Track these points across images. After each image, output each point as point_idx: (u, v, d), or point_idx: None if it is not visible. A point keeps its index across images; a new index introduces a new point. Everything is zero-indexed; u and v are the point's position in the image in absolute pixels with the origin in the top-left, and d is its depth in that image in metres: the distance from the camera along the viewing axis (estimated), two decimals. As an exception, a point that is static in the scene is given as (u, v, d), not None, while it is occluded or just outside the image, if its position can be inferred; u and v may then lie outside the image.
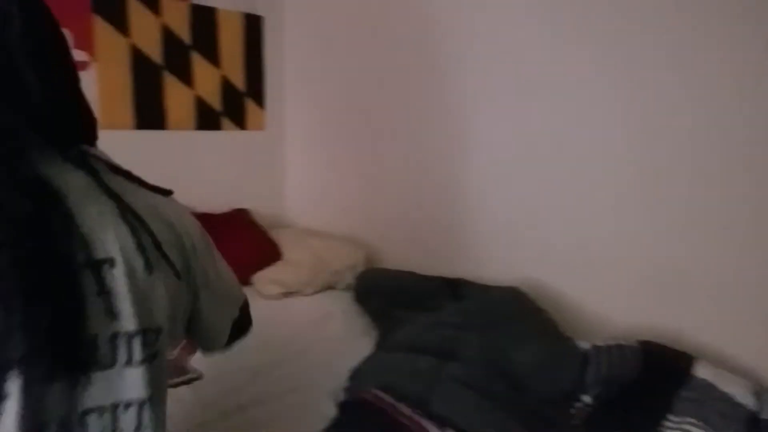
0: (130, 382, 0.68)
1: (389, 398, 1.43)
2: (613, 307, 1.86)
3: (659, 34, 1.67)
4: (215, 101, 2.54)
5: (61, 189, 0.64)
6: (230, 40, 2.54)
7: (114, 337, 0.66)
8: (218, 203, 2.44)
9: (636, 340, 1.63)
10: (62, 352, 0.61)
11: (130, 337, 0.68)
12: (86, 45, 2.11)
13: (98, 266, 0.66)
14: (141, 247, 0.69)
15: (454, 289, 2.06)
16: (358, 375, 1.62)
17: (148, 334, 0.69)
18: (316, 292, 2.26)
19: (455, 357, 1.63)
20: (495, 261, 2.15)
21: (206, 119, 2.50)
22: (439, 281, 2.11)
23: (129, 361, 0.68)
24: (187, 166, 2.40)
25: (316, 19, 2.67)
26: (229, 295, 0.91)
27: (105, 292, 0.66)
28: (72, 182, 0.67)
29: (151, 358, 0.70)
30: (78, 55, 2.09)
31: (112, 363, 0.66)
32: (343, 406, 1.44)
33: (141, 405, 0.69)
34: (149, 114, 2.34)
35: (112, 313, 0.66)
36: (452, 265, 2.22)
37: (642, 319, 1.79)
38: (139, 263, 0.69)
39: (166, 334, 0.73)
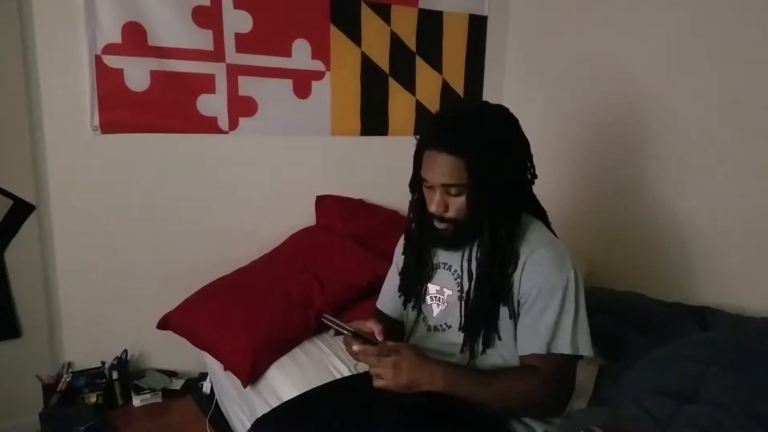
0: None
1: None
2: None
3: None
4: (434, 106, 2.54)
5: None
6: (453, 43, 2.53)
7: None
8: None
9: None
10: None
11: None
12: (323, 55, 2.25)
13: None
14: None
15: (699, 318, 1.79)
16: (577, 416, 1.44)
17: None
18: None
19: (696, 398, 1.37)
20: (745, 288, 1.83)
21: (424, 124, 2.51)
22: (680, 308, 1.84)
23: None
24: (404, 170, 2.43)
25: (540, 18, 2.53)
26: None
27: None
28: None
29: None
30: (315, 65, 2.24)
31: None
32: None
33: None
34: (374, 121, 2.42)
35: None
36: (688, 292, 1.95)
37: None
38: None
39: None
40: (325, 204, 2.31)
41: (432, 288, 1.35)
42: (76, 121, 1.90)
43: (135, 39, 1.91)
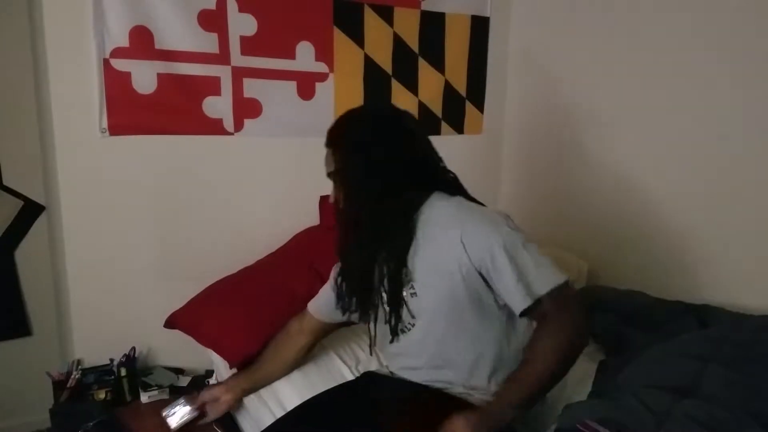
0: None
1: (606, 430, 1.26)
2: None
3: None
4: (437, 107, 2.57)
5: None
6: (456, 44, 2.55)
7: None
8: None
9: None
10: None
11: None
12: (326, 58, 2.28)
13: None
14: None
15: (700, 316, 1.81)
16: (576, 408, 1.47)
17: None
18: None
19: (694, 393, 1.39)
20: (746, 286, 1.86)
21: (427, 125, 2.54)
22: (682, 306, 1.87)
23: None
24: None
25: (542, 19, 2.55)
26: None
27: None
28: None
29: None
30: (318, 67, 2.27)
31: None
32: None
33: None
34: (377, 121, 2.44)
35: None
36: (689, 290, 1.97)
37: None
38: None
39: None
40: (328, 203, 2.32)
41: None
42: (85, 124, 1.94)
43: (142, 43, 1.94)
